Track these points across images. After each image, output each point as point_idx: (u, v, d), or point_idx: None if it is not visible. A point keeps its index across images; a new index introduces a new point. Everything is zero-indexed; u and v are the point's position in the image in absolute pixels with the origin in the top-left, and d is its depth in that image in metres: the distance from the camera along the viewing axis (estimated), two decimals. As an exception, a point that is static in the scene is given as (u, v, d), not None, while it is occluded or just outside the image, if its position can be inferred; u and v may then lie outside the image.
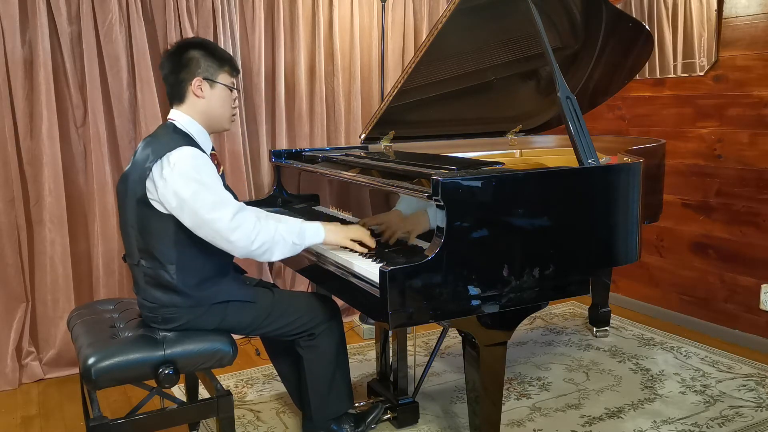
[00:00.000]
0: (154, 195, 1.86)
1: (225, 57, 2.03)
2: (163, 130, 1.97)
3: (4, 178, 2.87)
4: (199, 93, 1.97)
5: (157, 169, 1.84)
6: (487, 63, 2.58)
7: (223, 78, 2.01)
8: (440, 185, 1.71)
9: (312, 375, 2.16)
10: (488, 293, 1.80)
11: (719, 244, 3.39)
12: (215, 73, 1.99)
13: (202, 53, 1.97)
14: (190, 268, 1.92)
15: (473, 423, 1.98)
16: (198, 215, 1.82)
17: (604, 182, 2.04)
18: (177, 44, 2.02)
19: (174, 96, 2.00)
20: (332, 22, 3.59)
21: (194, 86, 1.96)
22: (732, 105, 3.26)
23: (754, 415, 2.57)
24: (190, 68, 1.96)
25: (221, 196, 1.86)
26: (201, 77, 1.97)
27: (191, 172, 1.82)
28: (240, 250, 1.87)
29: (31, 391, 2.91)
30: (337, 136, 3.70)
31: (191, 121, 1.99)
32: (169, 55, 1.99)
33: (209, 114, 2.01)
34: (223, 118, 2.05)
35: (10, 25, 2.80)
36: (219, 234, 1.84)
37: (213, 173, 1.88)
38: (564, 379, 2.91)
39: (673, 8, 3.43)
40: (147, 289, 1.94)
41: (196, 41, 2.03)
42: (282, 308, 2.08)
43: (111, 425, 1.80)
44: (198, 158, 1.86)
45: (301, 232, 1.96)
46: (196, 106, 1.99)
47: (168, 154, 1.84)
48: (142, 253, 1.92)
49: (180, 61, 1.97)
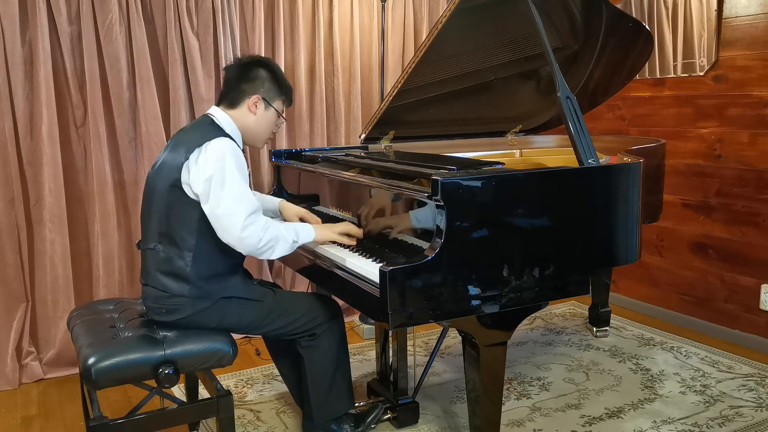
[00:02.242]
0: (186, 178, 1.91)
1: (287, 87, 2.15)
2: (200, 123, 2.06)
3: (4, 178, 2.87)
4: (253, 109, 2.07)
5: (194, 156, 1.91)
6: (487, 63, 2.58)
7: (278, 104, 2.13)
8: (440, 185, 1.71)
9: (312, 375, 2.16)
10: (488, 293, 1.80)
11: (719, 244, 3.39)
12: (274, 97, 2.11)
13: (269, 75, 2.09)
14: (206, 259, 1.96)
15: (473, 423, 1.98)
16: (220, 205, 1.87)
17: (604, 182, 2.04)
18: (251, 58, 2.13)
19: (228, 98, 2.08)
20: (332, 22, 3.59)
21: (251, 101, 2.07)
22: (732, 105, 3.26)
23: (754, 415, 2.57)
24: (255, 84, 2.07)
25: (245, 191, 1.92)
26: (260, 96, 2.07)
27: (225, 162, 1.89)
28: (247, 247, 1.92)
29: (31, 391, 2.91)
30: (337, 136, 3.70)
31: (232, 123, 2.06)
32: (240, 65, 2.10)
33: (252, 130, 2.10)
34: (261, 139, 2.16)
35: (10, 25, 2.80)
36: (233, 228, 1.88)
37: (243, 169, 1.95)
38: (564, 379, 2.91)
39: (673, 8, 3.43)
40: (157, 276, 1.96)
41: (269, 63, 2.12)
42: (283, 308, 2.09)
43: (111, 425, 1.80)
44: (234, 150, 1.94)
45: (297, 232, 2.04)
46: (244, 117, 2.08)
47: (207, 142, 1.91)
48: (162, 237, 1.95)
49: (247, 74, 2.07)
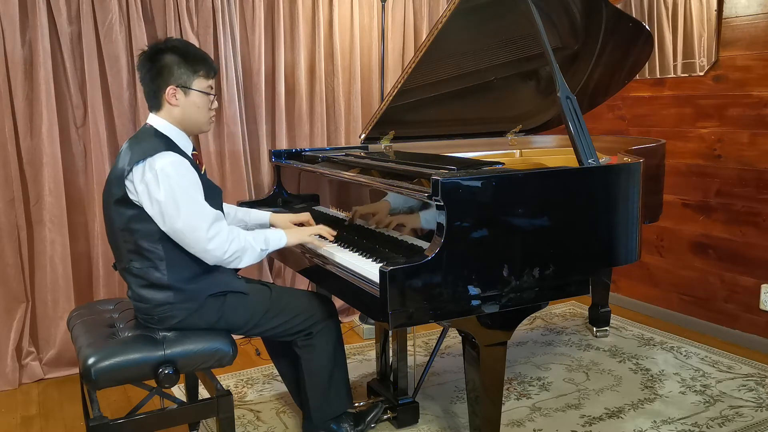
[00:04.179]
0: (134, 196, 1.86)
1: (199, 60, 1.95)
2: (144, 134, 1.96)
3: (4, 178, 2.87)
4: (174, 101, 1.94)
5: (138, 172, 1.83)
6: (487, 63, 2.58)
7: (198, 83, 1.96)
8: (440, 185, 1.71)
9: (310, 375, 2.16)
10: (488, 293, 1.80)
11: (719, 244, 3.39)
12: (189, 79, 1.94)
13: (175, 58, 1.91)
14: (180, 263, 1.92)
15: (473, 423, 1.98)
16: (176, 223, 1.84)
17: (604, 182, 2.04)
18: (151, 47, 1.95)
19: (149, 102, 1.98)
20: (332, 22, 3.59)
21: (168, 95, 1.93)
22: (732, 105, 3.26)
23: (754, 415, 2.57)
24: (164, 76, 1.92)
25: (199, 205, 1.87)
26: (174, 85, 1.92)
27: (171, 180, 1.82)
28: (213, 259, 1.90)
29: (31, 391, 2.91)
30: (337, 136, 3.70)
31: (169, 125, 1.96)
32: (143, 59, 1.94)
33: (186, 120, 1.98)
34: (201, 123, 2.01)
35: (10, 25, 2.80)
36: (196, 242, 1.86)
37: (194, 181, 1.88)
38: (564, 379, 2.91)
39: (673, 8, 3.43)
40: (139, 291, 1.94)
41: (169, 45, 1.94)
42: (280, 306, 2.08)
43: (111, 425, 1.80)
44: (179, 165, 1.86)
45: (267, 240, 2.00)
46: (172, 112, 1.96)
47: (150, 158, 1.83)
48: (132, 255, 1.92)
49: (153, 68, 1.92)
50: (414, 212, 1.94)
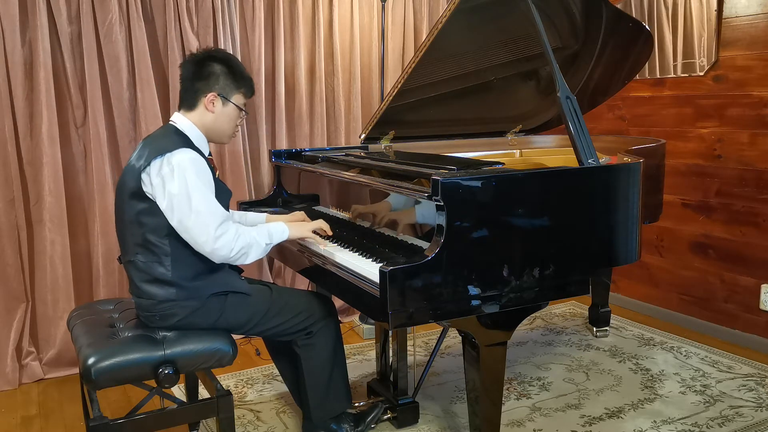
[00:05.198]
0: (149, 189, 1.89)
1: (245, 78, 2.06)
2: (164, 131, 2.01)
3: (4, 178, 2.87)
4: (210, 107, 2.01)
5: (156, 166, 1.87)
6: (487, 63, 2.58)
7: (237, 98, 2.05)
8: (440, 185, 1.71)
9: (310, 374, 2.16)
10: (488, 293, 1.80)
11: (719, 244, 3.39)
12: (231, 92, 2.03)
13: (224, 69, 2.01)
14: (185, 260, 1.94)
15: (473, 423, 1.98)
16: (189, 218, 1.86)
17: (604, 182, 2.04)
18: (203, 52, 2.05)
19: (185, 101, 2.04)
20: (332, 22, 3.59)
21: (207, 100, 2.00)
22: (732, 105, 3.26)
23: (754, 415, 2.57)
24: (209, 81, 2.00)
25: (211, 204, 1.90)
26: (216, 93, 2.00)
27: (187, 174, 1.86)
28: (219, 257, 1.92)
29: (31, 391, 2.91)
30: (337, 136, 3.70)
31: (193, 127, 2.02)
32: (193, 61, 2.02)
33: (214, 127, 2.05)
34: (226, 134, 2.10)
35: (10, 25, 2.80)
36: (204, 240, 1.87)
37: (208, 180, 1.92)
38: (564, 379, 2.91)
39: (673, 8, 3.43)
40: (142, 286, 1.95)
41: (221, 55, 2.05)
42: (280, 305, 2.09)
43: (111, 425, 1.80)
44: (197, 163, 1.90)
45: (270, 233, 2.03)
46: (204, 116, 2.03)
47: (169, 153, 1.87)
48: (139, 248, 1.94)
49: (200, 71, 2.00)
50: (414, 212, 1.94)
